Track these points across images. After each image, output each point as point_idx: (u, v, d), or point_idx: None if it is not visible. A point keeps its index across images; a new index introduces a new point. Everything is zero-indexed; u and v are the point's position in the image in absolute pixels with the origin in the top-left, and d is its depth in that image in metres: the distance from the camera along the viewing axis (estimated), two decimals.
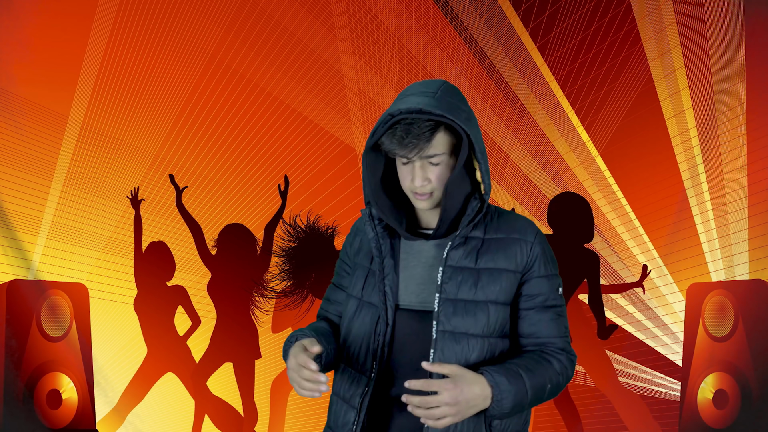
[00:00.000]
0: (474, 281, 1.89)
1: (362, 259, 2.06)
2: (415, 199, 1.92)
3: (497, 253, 1.92)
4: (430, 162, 1.88)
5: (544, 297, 1.93)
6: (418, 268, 1.96)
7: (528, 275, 1.93)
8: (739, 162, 5.97)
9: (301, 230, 5.65)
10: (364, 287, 2.01)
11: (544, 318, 1.94)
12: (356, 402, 1.96)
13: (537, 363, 1.89)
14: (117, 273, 6.68)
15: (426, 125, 1.83)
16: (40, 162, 6.49)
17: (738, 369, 5.12)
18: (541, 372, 1.88)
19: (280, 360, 6.93)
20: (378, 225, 2.00)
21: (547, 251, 1.95)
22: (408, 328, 1.95)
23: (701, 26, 6.30)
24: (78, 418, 5.45)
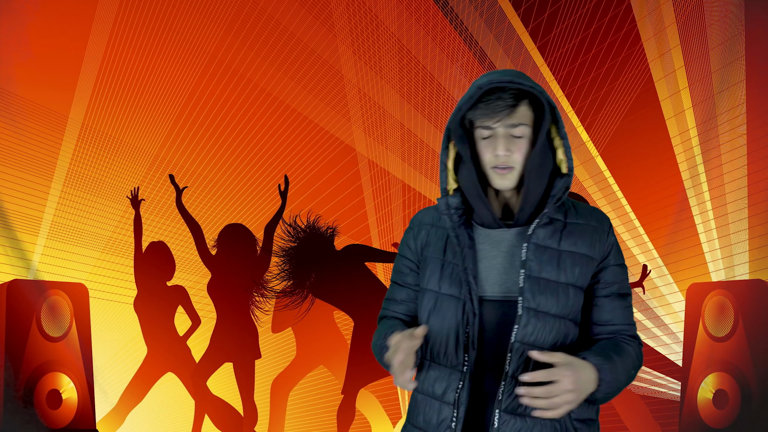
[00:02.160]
0: (557, 262, 1.90)
1: (433, 252, 2.00)
2: (496, 175, 1.91)
3: (579, 237, 1.93)
4: (513, 135, 1.89)
5: (618, 285, 1.96)
6: (499, 257, 1.93)
7: (605, 263, 1.95)
8: (739, 162, 5.97)
9: (301, 230, 5.65)
10: (440, 279, 1.96)
11: (618, 306, 1.96)
12: (451, 398, 1.91)
13: (621, 348, 1.91)
14: (117, 273, 6.68)
15: (511, 94, 1.86)
16: (40, 162, 6.49)
17: (738, 369, 5.12)
18: (626, 356, 1.91)
19: (280, 360, 6.92)
20: (454, 214, 1.97)
21: (616, 241, 1.99)
22: (493, 318, 1.92)
23: (701, 26, 6.30)
24: (78, 418, 5.45)
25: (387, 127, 7.61)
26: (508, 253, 1.93)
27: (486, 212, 1.94)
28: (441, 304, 1.95)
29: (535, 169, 1.90)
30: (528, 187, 1.90)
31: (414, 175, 7.63)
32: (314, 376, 6.82)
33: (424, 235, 2.03)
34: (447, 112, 7.50)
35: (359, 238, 7.21)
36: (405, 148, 7.60)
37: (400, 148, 7.61)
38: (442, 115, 7.51)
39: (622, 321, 1.96)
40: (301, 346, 6.42)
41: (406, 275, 2.07)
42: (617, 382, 1.88)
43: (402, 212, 7.64)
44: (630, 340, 1.96)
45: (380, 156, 7.66)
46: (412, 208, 7.60)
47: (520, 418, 1.86)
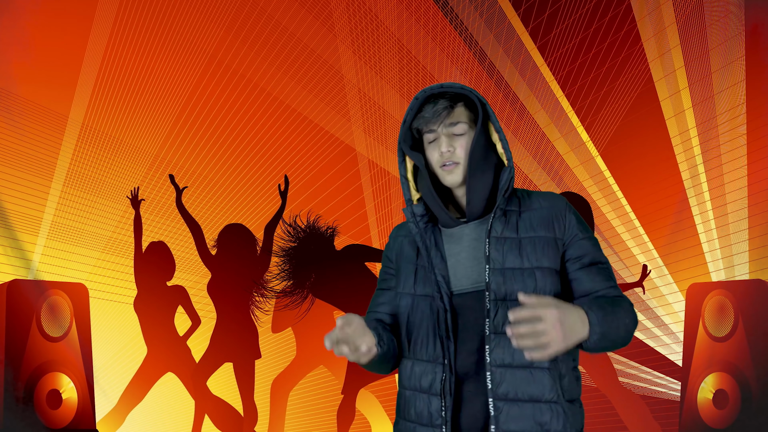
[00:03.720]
0: (518, 250, 1.99)
1: (407, 259, 2.14)
2: (444, 172, 2.06)
3: (535, 222, 2.02)
4: (454, 133, 2.05)
5: (590, 256, 2.02)
6: (463, 252, 2.05)
7: (570, 240, 2.03)
8: (739, 162, 5.97)
9: (301, 230, 5.65)
10: (415, 282, 2.09)
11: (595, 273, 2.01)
12: (437, 389, 2.00)
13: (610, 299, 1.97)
14: (117, 273, 6.68)
15: (446, 100, 2.06)
16: (40, 162, 6.49)
17: (738, 369, 5.12)
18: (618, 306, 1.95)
19: (280, 360, 6.93)
20: (420, 221, 2.11)
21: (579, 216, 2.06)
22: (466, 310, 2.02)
23: (701, 26, 6.30)
24: (78, 418, 5.45)
25: (387, 127, 7.61)
26: (470, 247, 2.05)
27: (442, 212, 2.08)
28: (417, 305, 2.08)
29: (476, 162, 2.04)
30: (472, 180, 2.04)
31: None
32: (314, 376, 6.82)
33: (398, 245, 2.19)
34: None
35: (359, 238, 7.21)
36: None
37: None
38: None
39: (603, 285, 2.01)
40: (301, 346, 6.42)
41: (388, 281, 2.22)
42: (611, 328, 1.90)
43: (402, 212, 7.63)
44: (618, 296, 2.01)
45: (380, 156, 7.66)
46: None
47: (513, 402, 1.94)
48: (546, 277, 1.98)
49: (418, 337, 2.06)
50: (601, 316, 1.88)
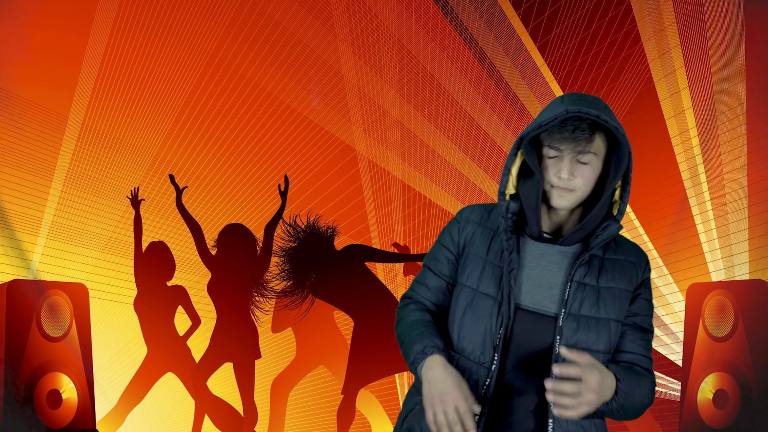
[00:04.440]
0: (596, 299, 1.96)
1: (476, 251, 2.06)
2: (556, 193, 1.96)
3: (617, 273, 1.99)
4: (579, 161, 1.94)
5: (641, 318, 2.01)
6: (537, 269, 2.00)
7: (635, 294, 2.02)
8: (739, 162, 5.97)
9: (301, 230, 5.65)
10: (480, 279, 2.02)
11: (637, 337, 2.01)
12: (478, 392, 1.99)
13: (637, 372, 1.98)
14: (117, 273, 6.68)
15: (588, 123, 1.92)
16: (40, 162, 6.49)
17: (738, 369, 5.12)
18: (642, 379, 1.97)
19: (280, 360, 6.93)
20: (510, 219, 2.02)
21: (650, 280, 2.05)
22: (523, 325, 1.99)
23: (701, 26, 6.30)
24: (78, 418, 5.45)
25: (387, 127, 7.61)
26: (546, 269, 2.00)
27: (536, 225, 2.01)
28: (477, 302, 2.01)
29: (590, 197, 1.99)
30: (590, 214, 1.98)
31: (414, 175, 7.63)
32: (314, 376, 6.82)
33: (470, 231, 2.09)
34: (447, 112, 7.50)
35: (359, 238, 7.21)
36: (405, 148, 7.60)
37: (400, 148, 7.62)
38: (442, 115, 7.51)
39: (639, 352, 2.01)
40: (301, 346, 6.42)
41: (442, 265, 2.12)
42: (632, 398, 1.92)
43: (402, 212, 7.64)
44: (645, 372, 2.01)
45: (380, 156, 7.66)
46: (412, 208, 7.60)
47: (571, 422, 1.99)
48: (618, 330, 1.99)
49: (470, 336, 2.01)
50: (628, 388, 1.91)
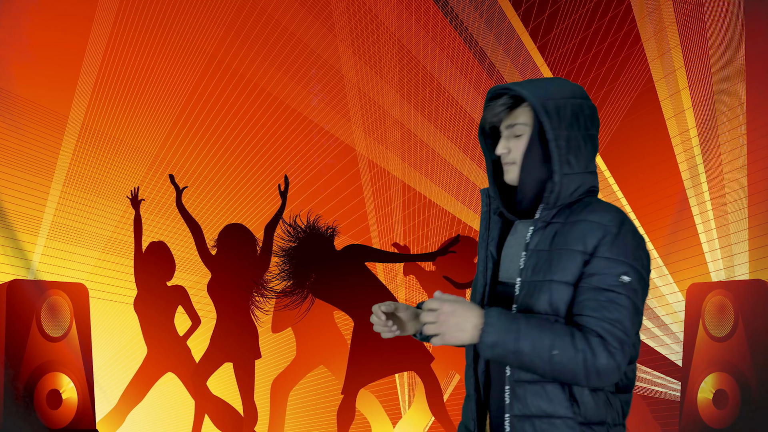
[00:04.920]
0: (548, 263, 1.92)
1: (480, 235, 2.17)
2: (503, 169, 2.06)
3: (570, 235, 1.92)
4: (514, 134, 2.01)
5: (598, 277, 1.86)
6: (511, 246, 2.06)
7: (592, 255, 1.89)
8: (739, 162, 5.97)
9: (301, 230, 5.65)
10: (479, 260, 2.13)
11: (588, 297, 1.87)
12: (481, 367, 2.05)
13: (552, 325, 1.85)
14: (117, 273, 6.68)
15: (508, 99, 2.02)
16: (40, 162, 6.49)
17: (738, 369, 5.12)
18: (551, 334, 1.84)
19: (280, 360, 6.93)
20: (492, 204, 2.12)
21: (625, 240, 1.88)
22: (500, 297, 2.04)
23: (701, 26, 6.30)
24: (78, 418, 5.45)
25: (387, 127, 7.62)
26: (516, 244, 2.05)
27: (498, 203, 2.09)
28: (476, 281, 2.14)
29: (528, 165, 1.99)
30: (522, 182, 2.01)
31: (414, 175, 7.63)
32: (314, 376, 6.82)
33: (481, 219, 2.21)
34: (447, 112, 7.51)
35: (359, 238, 7.21)
36: (405, 148, 7.61)
37: (400, 148, 7.62)
38: (442, 115, 7.51)
39: (590, 314, 1.85)
40: (301, 346, 6.42)
41: None
42: (507, 339, 1.83)
43: (402, 212, 7.64)
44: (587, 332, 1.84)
45: (380, 156, 7.67)
46: (412, 208, 7.61)
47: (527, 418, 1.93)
48: (562, 292, 1.89)
49: None
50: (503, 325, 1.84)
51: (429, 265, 6.62)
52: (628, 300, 1.85)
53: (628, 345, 1.84)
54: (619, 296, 1.85)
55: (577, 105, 1.97)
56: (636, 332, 1.89)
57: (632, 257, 1.88)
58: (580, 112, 1.97)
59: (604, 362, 1.81)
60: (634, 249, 1.88)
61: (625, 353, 1.84)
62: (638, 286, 1.87)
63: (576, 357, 1.82)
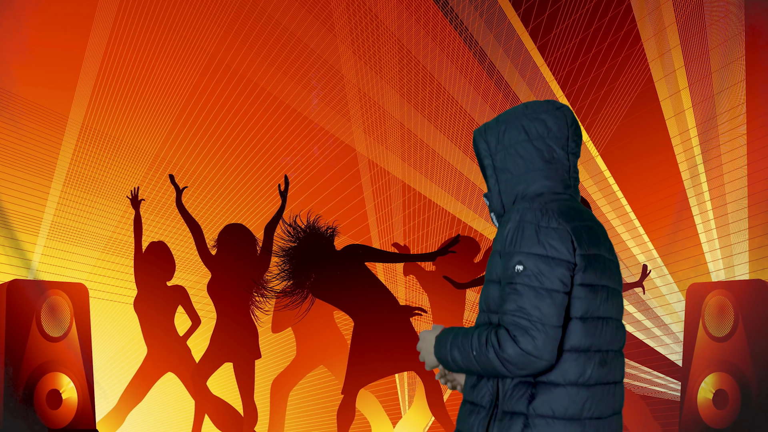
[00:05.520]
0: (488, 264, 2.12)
1: None
2: None
3: (497, 235, 2.10)
4: None
5: (505, 273, 2.01)
6: None
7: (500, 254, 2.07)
8: (739, 162, 5.97)
9: (301, 230, 5.65)
10: None
11: (500, 295, 2.02)
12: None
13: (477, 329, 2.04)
14: (117, 273, 6.69)
15: None
16: (40, 162, 6.50)
17: (738, 369, 5.12)
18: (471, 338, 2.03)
19: (280, 360, 6.93)
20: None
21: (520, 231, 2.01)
22: None
23: (701, 26, 6.30)
24: (78, 418, 5.45)
25: (387, 127, 7.62)
26: None
27: None
28: None
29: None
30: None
31: (414, 175, 7.63)
32: (314, 376, 6.82)
33: None
34: (447, 112, 7.51)
35: (359, 238, 7.21)
36: (405, 148, 7.61)
37: (400, 148, 7.62)
38: (442, 115, 7.51)
39: (491, 308, 2.06)
40: (301, 346, 6.42)
41: None
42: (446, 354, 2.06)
43: (402, 212, 7.65)
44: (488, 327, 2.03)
45: (380, 156, 7.67)
46: (412, 208, 7.61)
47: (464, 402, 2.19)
48: (490, 289, 2.07)
49: None
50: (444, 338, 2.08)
51: (429, 265, 6.62)
52: (524, 287, 1.96)
53: (535, 329, 1.94)
54: (515, 286, 1.97)
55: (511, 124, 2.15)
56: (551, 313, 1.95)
57: (527, 245, 1.98)
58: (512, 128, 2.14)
59: (511, 352, 1.94)
60: (530, 236, 1.99)
61: (535, 337, 1.94)
62: (538, 268, 1.97)
63: (488, 352, 1.97)
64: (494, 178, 2.16)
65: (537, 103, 2.16)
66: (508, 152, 2.13)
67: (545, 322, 1.94)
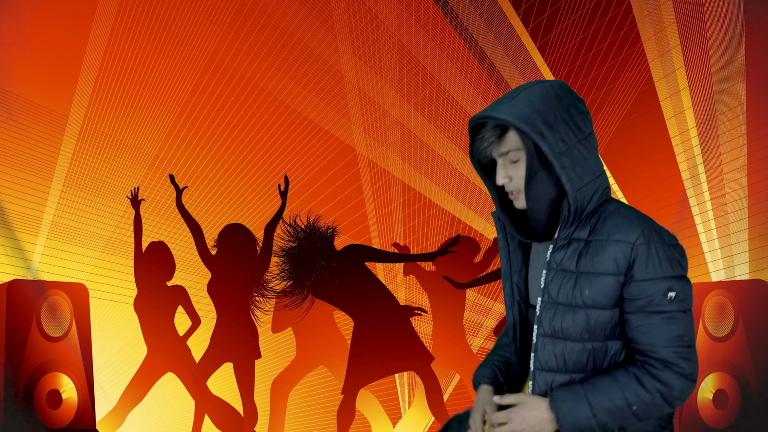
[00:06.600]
0: (573, 285, 1.89)
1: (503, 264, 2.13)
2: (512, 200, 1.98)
3: (596, 255, 1.88)
4: (510, 160, 1.92)
5: (645, 301, 1.84)
6: (534, 269, 2.01)
7: (629, 278, 1.86)
8: (739, 162, 5.97)
9: (301, 230, 5.65)
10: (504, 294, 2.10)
11: (644, 323, 1.84)
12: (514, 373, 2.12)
13: (614, 380, 1.84)
14: (117, 273, 6.69)
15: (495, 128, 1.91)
16: (40, 162, 6.49)
17: (738, 369, 5.12)
18: (620, 392, 1.83)
19: (280, 360, 6.93)
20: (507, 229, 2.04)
21: (656, 252, 1.84)
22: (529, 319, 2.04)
23: (701, 26, 6.30)
24: (78, 418, 5.45)
25: (387, 127, 7.62)
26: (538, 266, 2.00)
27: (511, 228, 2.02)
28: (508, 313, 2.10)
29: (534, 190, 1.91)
30: (531, 208, 1.93)
31: (414, 175, 7.63)
32: (314, 376, 6.82)
33: None
34: (447, 112, 7.51)
35: (359, 238, 7.21)
36: (405, 148, 7.61)
37: (400, 148, 7.62)
38: (442, 115, 7.51)
39: (649, 341, 1.84)
40: (301, 346, 6.42)
41: None
42: (585, 419, 1.83)
43: (402, 212, 7.64)
44: (651, 367, 1.84)
45: (380, 156, 7.67)
46: (412, 208, 7.61)
47: None
48: (599, 316, 1.87)
49: None
50: (571, 406, 1.84)
51: (429, 265, 6.62)
52: (680, 314, 1.84)
53: (693, 353, 1.85)
54: (672, 314, 1.84)
55: (563, 110, 1.89)
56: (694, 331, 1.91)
57: (670, 268, 1.85)
58: (568, 117, 1.89)
59: (679, 386, 1.83)
60: (669, 258, 1.85)
61: (693, 361, 1.84)
62: (684, 291, 1.85)
63: (654, 399, 1.83)
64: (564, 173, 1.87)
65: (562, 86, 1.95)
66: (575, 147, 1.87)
67: (695, 342, 1.88)
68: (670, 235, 1.88)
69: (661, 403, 1.83)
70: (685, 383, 1.83)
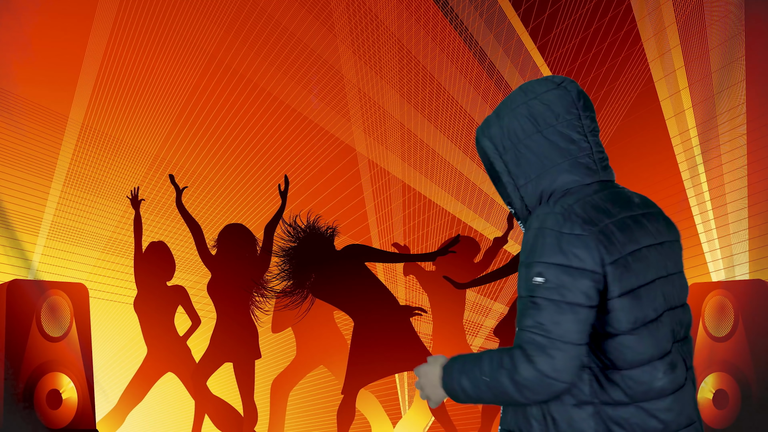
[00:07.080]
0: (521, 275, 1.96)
1: None
2: None
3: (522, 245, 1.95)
4: None
5: (520, 286, 1.82)
6: None
7: None
8: (739, 162, 5.97)
9: (301, 230, 5.65)
10: None
11: (518, 306, 1.83)
12: None
13: (490, 353, 1.84)
14: (117, 273, 6.69)
15: None
16: (40, 162, 6.50)
17: (738, 369, 5.12)
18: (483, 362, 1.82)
19: (280, 360, 6.93)
20: None
21: (541, 239, 1.79)
22: None
23: (701, 26, 6.30)
24: (78, 418, 5.45)
25: (387, 127, 7.62)
26: None
27: None
28: None
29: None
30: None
31: (414, 175, 7.64)
32: (314, 376, 6.82)
33: None
34: (447, 112, 7.51)
35: (359, 238, 7.21)
36: (405, 148, 7.61)
37: (400, 148, 7.62)
38: (442, 115, 7.51)
39: (517, 323, 1.82)
40: (301, 346, 6.42)
41: None
42: (456, 384, 1.85)
43: (402, 212, 7.65)
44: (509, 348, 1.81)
45: (380, 156, 7.67)
46: (412, 208, 7.61)
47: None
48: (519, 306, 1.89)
49: None
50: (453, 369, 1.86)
51: (429, 265, 6.62)
52: (544, 300, 1.75)
53: (554, 347, 1.73)
54: (535, 299, 1.76)
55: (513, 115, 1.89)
56: (573, 329, 1.74)
57: (547, 254, 1.77)
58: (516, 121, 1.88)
59: (526, 373, 1.74)
60: (551, 244, 1.77)
61: (549, 356, 1.73)
62: (560, 280, 1.75)
63: (501, 376, 1.77)
64: (511, 181, 1.90)
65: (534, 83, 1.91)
66: (519, 149, 1.87)
67: (566, 339, 1.73)
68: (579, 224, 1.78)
69: (507, 382, 1.76)
70: (533, 373, 1.73)
